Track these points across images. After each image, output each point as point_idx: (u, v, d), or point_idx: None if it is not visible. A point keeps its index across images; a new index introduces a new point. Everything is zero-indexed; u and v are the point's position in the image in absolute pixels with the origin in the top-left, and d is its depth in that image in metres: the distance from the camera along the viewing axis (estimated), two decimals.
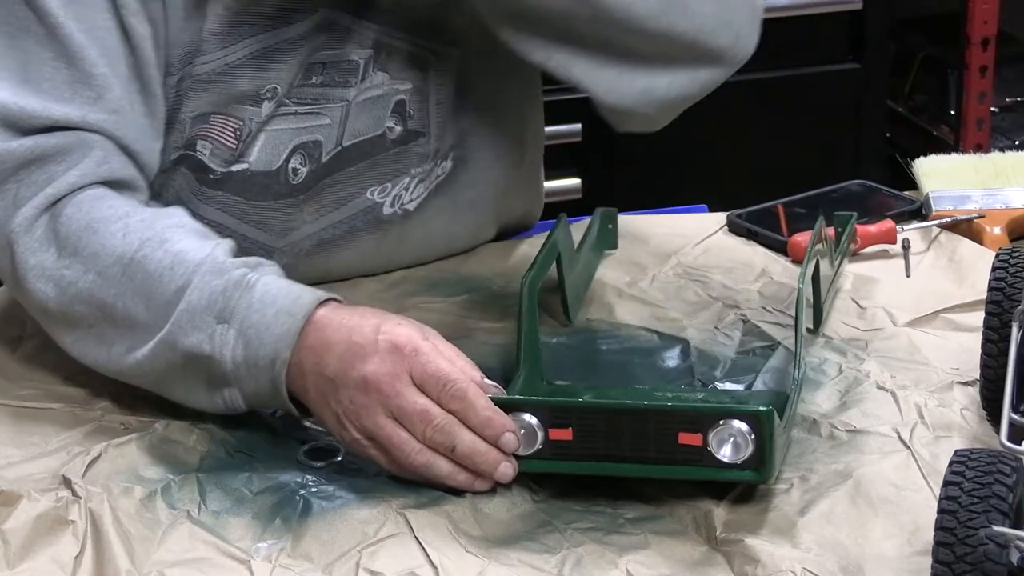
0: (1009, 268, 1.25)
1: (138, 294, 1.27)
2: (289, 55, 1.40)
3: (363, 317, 1.23)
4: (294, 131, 1.44)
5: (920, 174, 1.71)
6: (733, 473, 1.15)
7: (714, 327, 1.43)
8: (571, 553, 1.12)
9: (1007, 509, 0.97)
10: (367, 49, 1.44)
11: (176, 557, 1.13)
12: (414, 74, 1.47)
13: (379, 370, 1.19)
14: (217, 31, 1.38)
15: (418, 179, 1.50)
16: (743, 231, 1.61)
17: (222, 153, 1.42)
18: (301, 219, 1.48)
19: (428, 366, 1.19)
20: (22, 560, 1.12)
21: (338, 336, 1.22)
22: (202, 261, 1.26)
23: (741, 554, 1.11)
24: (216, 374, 1.25)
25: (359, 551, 1.13)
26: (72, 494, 1.19)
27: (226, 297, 1.25)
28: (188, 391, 1.28)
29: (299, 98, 1.43)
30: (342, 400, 1.20)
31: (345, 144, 1.46)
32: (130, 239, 1.29)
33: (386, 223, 1.51)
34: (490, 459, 1.18)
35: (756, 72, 2.98)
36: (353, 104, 1.45)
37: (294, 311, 1.23)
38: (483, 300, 1.49)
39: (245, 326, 1.24)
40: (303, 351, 1.22)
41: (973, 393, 1.30)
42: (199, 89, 1.39)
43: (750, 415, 1.14)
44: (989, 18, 2.99)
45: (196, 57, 1.38)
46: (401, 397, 1.18)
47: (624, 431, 1.16)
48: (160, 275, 1.27)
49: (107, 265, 1.28)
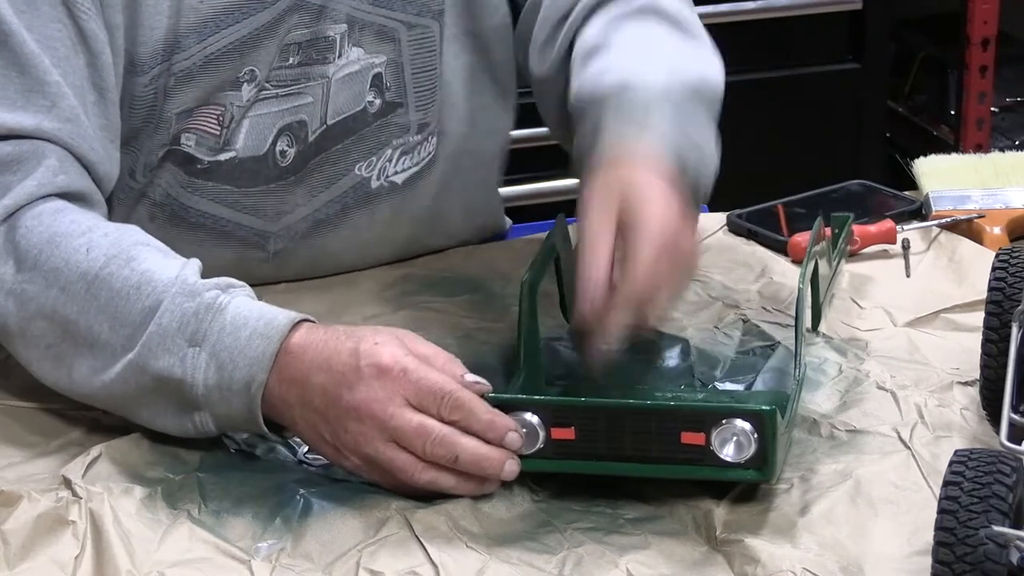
0: (1009, 268, 1.25)
1: (103, 312, 1.23)
2: (266, 38, 1.40)
3: (338, 341, 1.19)
4: (277, 113, 1.43)
5: (920, 174, 1.71)
6: (735, 473, 1.15)
7: (714, 326, 1.43)
8: (571, 553, 1.12)
9: (1007, 509, 0.97)
10: (341, 24, 1.43)
11: (176, 557, 1.13)
12: (388, 46, 1.46)
13: (369, 396, 1.16)
14: (193, 25, 1.37)
15: (400, 150, 1.50)
16: (743, 231, 1.61)
17: (207, 141, 1.42)
18: (294, 202, 1.48)
19: (421, 383, 1.17)
20: (22, 560, 1.12)
21: (318, 366, 1.19)
22: (172, 282, 1.23)
23: (741, 554, 1.11)
24: (187, 398, 1.22)
25: (359, 551, 1.13)
26: (72, 494, 1.18)
27: (198, 319, 1.21)
28: (155, 415, 1.25)
29: (279, 80, 1.43)
30: (337, 431, 1.18)
31: (329, 122, 1.46)
32: (94, 255, 1.25)
33: (375, 197, 1.51)
34: (494, 461, 1.17)
35: (756, 72, 3.01)
36: (333, 80, 1.45)
37: (268, 333, 1.20)
38: (483, 300, 1.49)
39: (218, 349, 1.21)
40: (284, 384, 1.20)
41: (973, 393, 1.30)
42: (182, 85, 1.38)
43: (753, 414, 1.14)
44: (989, 18, 2.99)
45: (174, 54, 1.37)
46: (396, 419, 1.16)
47: (626, 430, 1.16)
48: (127, 294, 1.23)
49: (70, 281, 1.24)
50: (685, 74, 1.39)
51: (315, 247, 1.51)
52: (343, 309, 1.47)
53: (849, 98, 3.02)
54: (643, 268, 1.25)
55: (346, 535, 1.15)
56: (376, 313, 1.47)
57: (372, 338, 1.19)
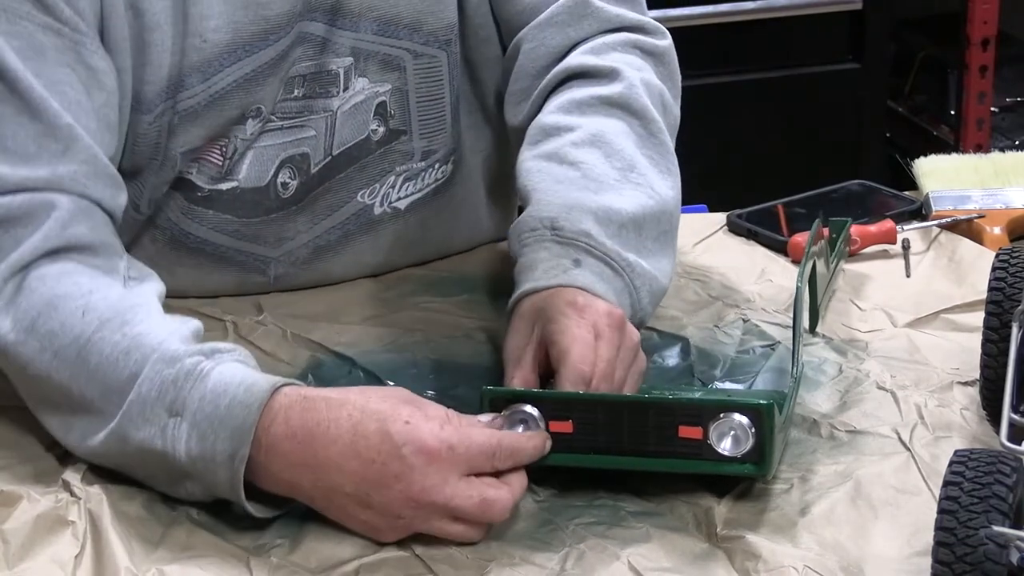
0: (1009, 268, 1.25)
1: (92, 379, 1.20)
2: (270, 75, 1.40)
3: (353, 420, 1.14)
4: (280, 146, 1.43)
5: (920, 174, 1.71)
6: (733, 466, 1.15)
7: (714, 325, 1.43)
8: (573, 549, 1.12)
9: (1007, 509, 0.97)
10: (346, 57, 1.43)
11: (176, 556, 1.13)
12: (393, 75, 1.46)
13: (426, 485, 1.12)
14: (197, 64, 1.36)
15: (403, 177, 1.50)
16: (743, 231, 1.61)
17: (209, 170, 1.42)
18: (295, 229, 1.48)
19: (471, 451, 1.13)
20: (22, 560, 1.12)
21: (340, 451, 1.13)
22: (155, 347, 1.19)
23: (742, 550, 1.11)
24: (173, 468, 1.17)
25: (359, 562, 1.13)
26: (71, 495, 1.19)
27: (177, 388, 1.17)
28: (148, 478, 1.21)
29: (283, 113, 1.42)
30: (384, 515, 1.13)
31: (334, 153, 1.46)
32: (90, 318, 1.21)
33: (378, 223, 1.51)
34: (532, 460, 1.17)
35: (756, 72, 3.01)
36: (338, 114, 1.45)
37: (248, 402, 1.15)
38: (483, 300, 1.49)
39: (198, 419, 1.16)
40: (297, 468, 1.14)
41: (973, 393, 1.30)
42: (187, 123, 1.38)
43: (751, 408, 1.14)
44: (989, 18, 2.99)
45: (179, 92, 1.37)
46: (456, 499, 1.12)
47: (624, 424, 1.16)
48: (115, 360, 1.19)
49: (63, 345, 1.21)
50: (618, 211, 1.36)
51: (317, 271, 1.50)
52: (342, 310, 1.47)
53: (849, 98, 3.02)
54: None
55: (346, 546, 1.14)
56: (376, 313, 1.47)
57: (396, 415, 1.14)
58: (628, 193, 1.37)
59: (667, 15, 2.82)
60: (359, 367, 1.37)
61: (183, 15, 1.35)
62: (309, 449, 1.14)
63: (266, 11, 1.38)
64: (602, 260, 1.31)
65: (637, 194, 1.37)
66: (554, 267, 1.30)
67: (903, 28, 3.18)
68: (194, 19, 1.35)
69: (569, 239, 1.32)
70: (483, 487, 1.13)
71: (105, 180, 1.31)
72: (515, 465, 1.15)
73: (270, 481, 1.16)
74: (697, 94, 2.92)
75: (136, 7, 1.33)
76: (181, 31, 1.35)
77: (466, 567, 1.12)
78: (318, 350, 1.40)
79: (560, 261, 1.31)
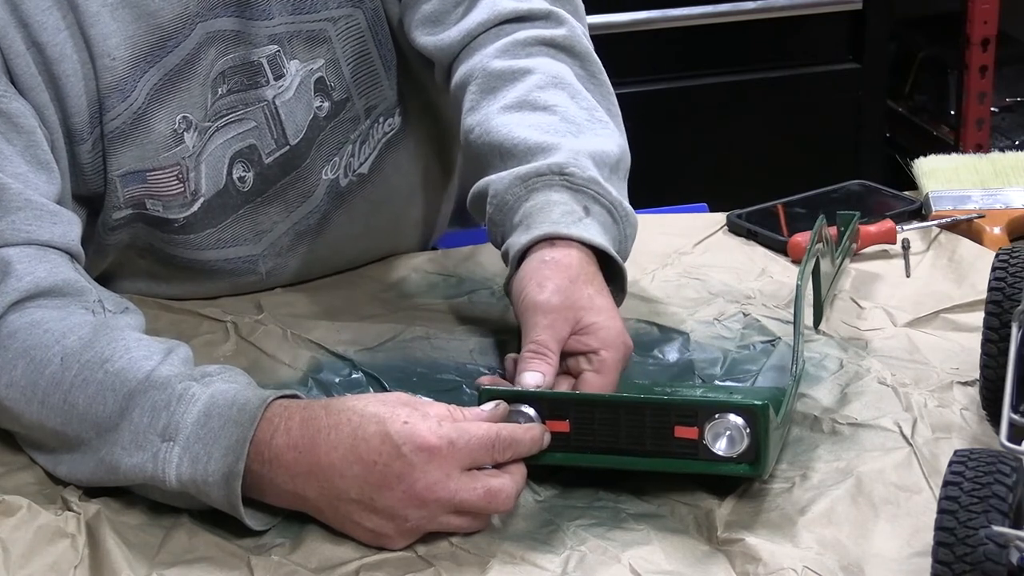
0: (1009, 268, 1.25)
1: (84, 420, 1.20)
2: (185, 79, 1.40)
3: (353, 425, 1.14)
4: (224, 144, 1.43)
5: (920, 174, 1.71)
6: (728, 467, 1.15)
7: (714, 319, 1.43)
8: (574, 552, 1.12)
9: (1007, 509, 0.97)
10: (267, 47, 1.44)
11: (177, 559, 1.14)
12: (322, 48, 1.47)
13: (429, 482, 1.12)
14: (113, 84, 1.36)
15: (359, 142, 1.51)
16: (743, 231, 1.61)
17: (176, 202, 1.42)
18: (270, 221, 1.48)
19: (471, 445, 1.13)
20: (22, 568, 1.12)
21: (342, 457, 1.13)
22: (145, 377, 1.19)
23: (742, 553, 1.11)
24: (164, 491, 1.17)
25: (360, 562, 1.13)
26: (70, 511, 1.19)
27: (169, 412, 1.17)
28: (146, 493, 1.20)
29: (216, 114, 1.42)
30: (391, 518, 1.13)
31: (292, 143, 1.46)
32: (68, 363, 1.21)
33: (347, 194, 1.51)
34: (530, 451, 1.18)
35: (756, 72, 3.01)
36: (277, 103, 1.45)
37: (242, 420, 1.15)
38: (483, 300, 1.49)
39: (191, 442, 1.15)
40: (301, 478, 1.14)
41: (973, 393, 1.30)
42: (118, 145, 1.38)
43: (745, 409, 1.14)
44: (989, 18, 2.99)
45: (103, 115, 1.37)
46: (461, 493, 1.13)
47: (621, 424, 1.16)
48: (103, 397, 1.19)
49: (48, 395, 1.21)
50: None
51: (304, 256, 1.51)
52: (342, 309, 1.47)
53: (849, 98, 3.02)
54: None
55: (347, 546, 1.14)
56: (375, 313, 1.47)
57: (395, 416, 1.14)
58: (602, 133, 1.40)
59: (667, 15, 2.82)
60: (359, 368, 1.37)
61: (84, 40, 1.35)
62: (312, 457, 1.14)
63: (157, 19, 1.37)
64: (606, 208, 1.34)
65: (608, 134, 1.40)
66: (569, 213, 1.32)
67: (903, 28, 3.18)
68: (96, 41, 1.35)
69: (580, 186, 1.34)
70: (486, 479, 1.14)
71: (47, 220, 1.30)
72: (514, 456, 1.16)
73: (275, 494, 1.16)
74: (697, 94, 2.93)
75: (37, 43, 1.33)
76: (87, 56, 1.35)
77: (468, 565, 1.12)
78: (318, 351, 1.40)
79: (574, 207, 1.33)
